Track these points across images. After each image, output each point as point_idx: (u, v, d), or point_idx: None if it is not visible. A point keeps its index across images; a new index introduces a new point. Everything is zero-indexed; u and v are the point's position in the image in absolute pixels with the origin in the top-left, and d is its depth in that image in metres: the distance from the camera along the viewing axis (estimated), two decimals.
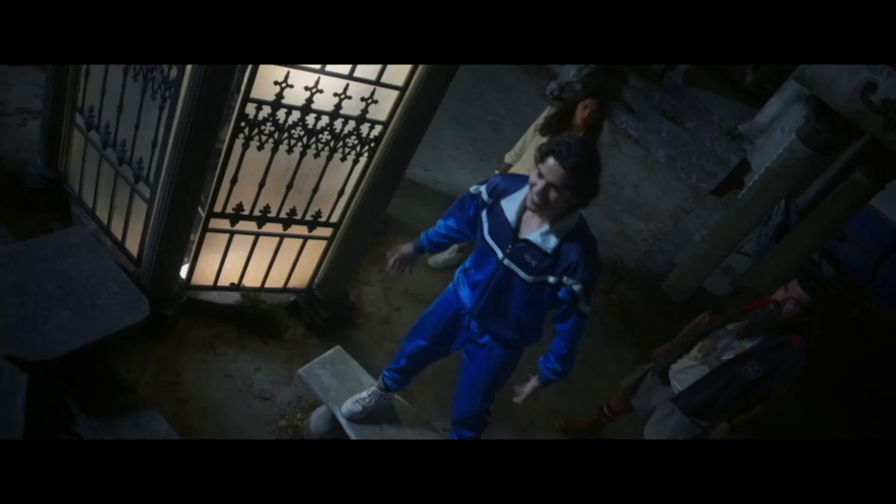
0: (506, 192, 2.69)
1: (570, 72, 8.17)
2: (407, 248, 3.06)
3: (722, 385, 3.34)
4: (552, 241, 2.58)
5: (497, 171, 4.80)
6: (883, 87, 4.18)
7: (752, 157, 8.42)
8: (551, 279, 2.63)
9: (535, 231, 2.60)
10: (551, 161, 2.43)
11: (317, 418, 3.57)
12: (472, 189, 2.84)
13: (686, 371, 3.49)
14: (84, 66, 3.40)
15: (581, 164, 2.43)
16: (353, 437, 3.29)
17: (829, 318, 7.20)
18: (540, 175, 2.46)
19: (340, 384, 3.41)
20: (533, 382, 2.92)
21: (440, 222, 3.01)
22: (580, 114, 4.15)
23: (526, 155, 4.41)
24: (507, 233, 2.66)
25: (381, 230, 4.98)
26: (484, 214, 2.76)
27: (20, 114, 4.33)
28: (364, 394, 3.35)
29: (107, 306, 2.22)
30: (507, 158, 4.59)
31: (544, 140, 4.30)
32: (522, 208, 2.62)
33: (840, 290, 7.46)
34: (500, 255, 2.69)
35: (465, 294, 2.91)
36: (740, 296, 3.58)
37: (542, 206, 2.48)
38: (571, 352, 2.80)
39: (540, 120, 4.37)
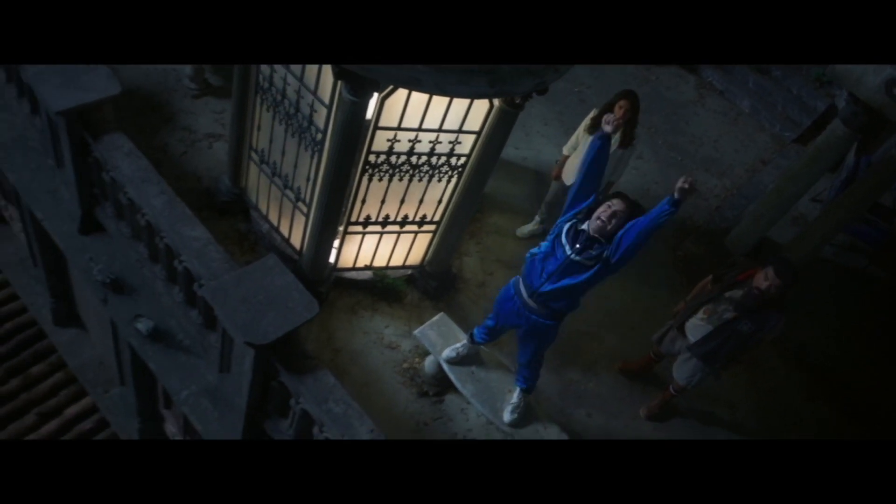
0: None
1: None
2: None
3: (723, 338, 4.42)
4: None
5: (557, 161, 5.85)
6: None
7: (840, 102, 8.65)
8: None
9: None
10: (617, 199, 3.73)
11: (428, 364, 4.98)
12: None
13: (696, 328, 4.58)
14: (256, 121, 4.80)
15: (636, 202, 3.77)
16: (452, 377, 4.68)
17: None
18: (609, 206, 3.69)
19: (444, 341, 4.78)
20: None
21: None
22: (618, 111, 5.12)
23: (580, 149, 5.46)
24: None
25: (478, 209, 6.20)
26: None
27: (207, 139, 5.86)
28: (458, 345, 4.73)
29: (293, 307, 3.63)
30: (565, 150, 5.68)
31: (591, 136, 5.33)
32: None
33: None
34: (569, 251, 3.81)
35: (534, 278, 4.00)
36: (735, 268, 4.53)
37: (608, 223, 3.66)
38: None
39: (587, 120, 5.39)
